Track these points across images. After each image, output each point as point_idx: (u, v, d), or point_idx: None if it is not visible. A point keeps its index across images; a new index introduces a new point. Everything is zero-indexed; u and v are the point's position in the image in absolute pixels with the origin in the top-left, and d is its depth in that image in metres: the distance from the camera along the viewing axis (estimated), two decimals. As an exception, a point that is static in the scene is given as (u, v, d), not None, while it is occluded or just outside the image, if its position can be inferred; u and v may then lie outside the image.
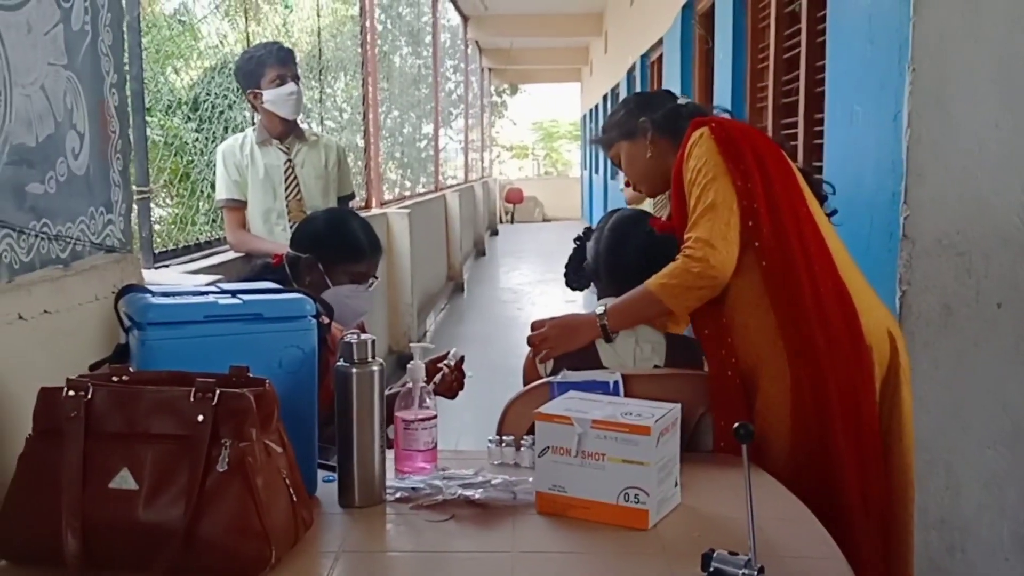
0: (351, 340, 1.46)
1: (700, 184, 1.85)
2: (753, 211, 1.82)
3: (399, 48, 10.52)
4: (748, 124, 2.03)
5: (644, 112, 2.12)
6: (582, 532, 1.38)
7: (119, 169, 2.01)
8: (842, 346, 1.76)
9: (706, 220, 1.82)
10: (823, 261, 1.82)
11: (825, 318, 1.77)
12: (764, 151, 1.88)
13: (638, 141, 2.11)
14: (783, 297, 1.79)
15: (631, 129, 2.12)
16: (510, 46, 17.72)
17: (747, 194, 1.82)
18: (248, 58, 3.42)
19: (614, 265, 2.06)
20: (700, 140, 1.89)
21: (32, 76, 1.66)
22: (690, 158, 1.89)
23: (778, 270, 1.80)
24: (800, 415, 1.76)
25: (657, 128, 2.08)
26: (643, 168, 2.12)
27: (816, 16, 3.23)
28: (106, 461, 1.21)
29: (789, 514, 1.45)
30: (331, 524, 1.42)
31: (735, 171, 1.84)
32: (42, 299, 1.63)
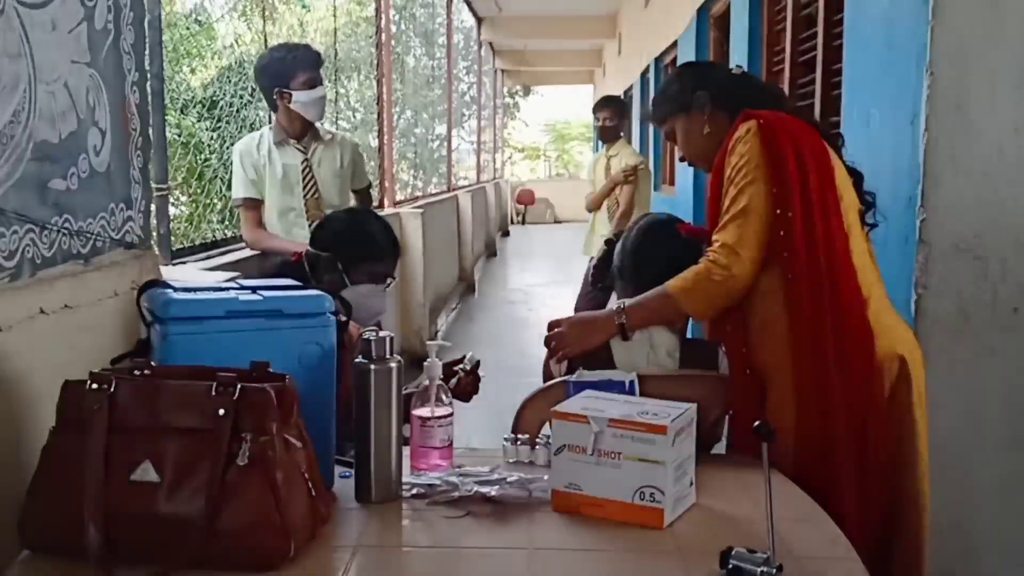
0: (370, 337, 1.47)
1: (737, 185, 1.82)
2: (786, 221, 1.78)
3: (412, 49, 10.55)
4: (799, 119, 1.93)
5: (700, 85, 2.05)
6: (597, 530, 1.38)
7: (139, 166, 2.03)
8: (854, 368, 1.74)
9: (736, 225, 1.80)
10: (848, 281, 1.78)
11: (841, 339, 1.74)
12: (808, 156, 1.82)
13: (694, 116, 2.04)
14: (803, 313, 1.76)
15: (686, 103, 2.05)
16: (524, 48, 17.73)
17: (782, 203, 1.78)
18: (279, 58, 3.43)
19: (637, 265, 2.05)
20: (746, 136, 1.84)
21: (56, 74, 1.68)
22: (733, 153, 1.85)
23: (802, 286, 1.77)
24: (804, 428, 1.75)
25: (714, 102, 2.01)
26: (700, 144, 2.05)
27: (832, 19, 3.23)
28: (128, 454, 1.22)
29: (804, 514, 1.45)
30: (348, 519, 1.43)
31: (774, 177, 1.79)
32: (63, 294, 1.65)
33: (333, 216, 2.40)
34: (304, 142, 3.47)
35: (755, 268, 1.80)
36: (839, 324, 1.75)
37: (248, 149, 3.44)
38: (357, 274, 2.22)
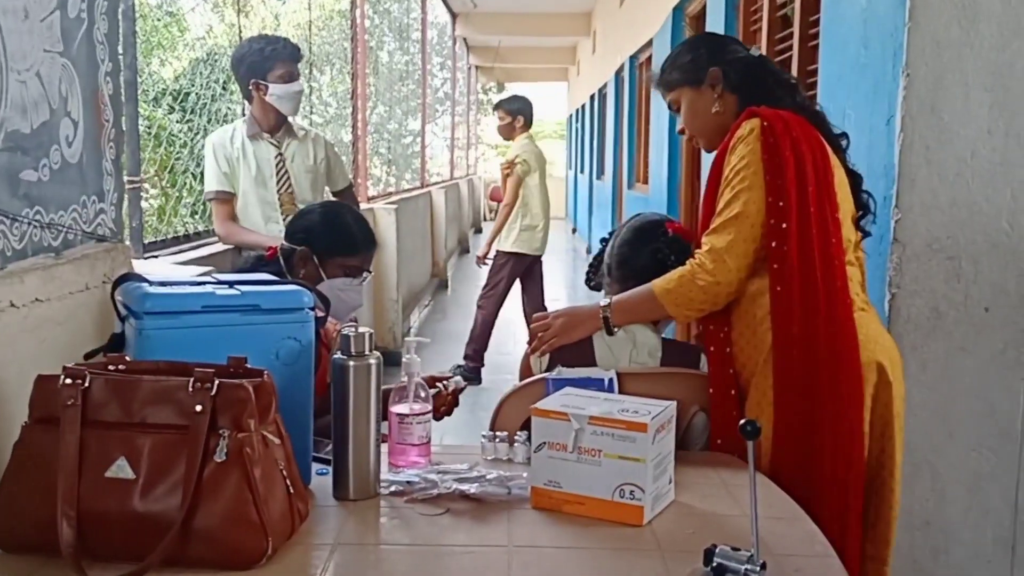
0: (349, 333, 1.45)
1: (734, 188, 1.79)
2: (781, 232, 1.75)
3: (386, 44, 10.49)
4: (803, 118, 1.88)
5: (715, 59, 1.98)
6: (577, 527, 1.38)
7: (112, 158, 2.00)
8: (841, 377, 1.72)
9: (727, 231, 1.78)
10: (842, 293, 1.76)
11: (831, 348, 1.72)
12: (809, 163, 1.78)
13: (704, 91, 1.98)
14: (792, 324, 1.74)
15: (699, 76, 1.98)
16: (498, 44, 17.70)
17: (778, 213, 1.75)
18: (258, 49, 3.39)
19: (624, 260, 2.05)
20: (747, 136, 1.80)
21: (28, 62, 1.64)
22: (733, 152, 1.82)
23: (793, 297, 1.74)
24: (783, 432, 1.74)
25: (728, 81, 1.96)
26: (705, 122, 2.00)
27: (808, 20, 3.25)
28: (103, 450, 1.20)
29: (783, 513, 1.46)
30: (326, 516, 1.41)
31: (772, 185, 1.76)
32: (34, 287, 1.62)
33: (307, 209, 2.37)
34: (277, 137, 3.45)
35: (742, 275, 1.79)
36: (829, 334, 1.73)
37: (221, 142, 3.41)
38: (332, 267, 2.20)
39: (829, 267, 1.75)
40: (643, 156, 8.41)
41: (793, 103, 1.94)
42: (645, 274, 1.89)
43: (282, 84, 3.32)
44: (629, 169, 9.31)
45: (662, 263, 1.89)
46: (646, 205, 7.02)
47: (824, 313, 1.73)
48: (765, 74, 1.98)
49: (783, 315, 1.75)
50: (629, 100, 9.26)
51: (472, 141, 20.84)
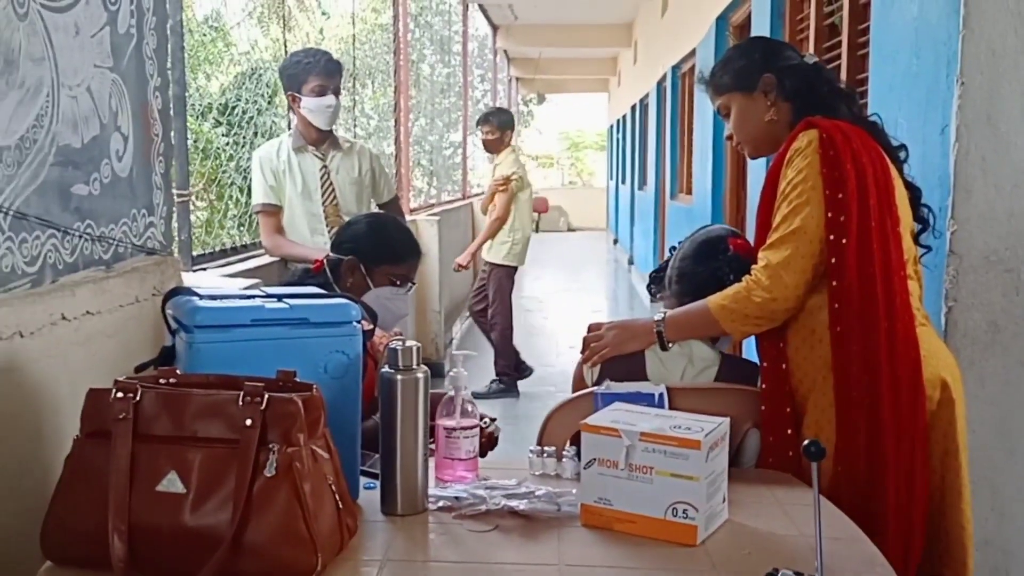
0: (396, 347, 1.45)
1: (791, 203, 1.75)
2: (840, 248, 1.71)
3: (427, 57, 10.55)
4: (864, 131, 1.83)
5: (769, 65, 1.92)
6: (629, 547, 1.36)
7: (161, 172, 2.02)
8: (903, 394, 1.68)
9: (785, 246, 1.74)
10: (904, 310, 1.71)
11: (894, 370, 1.68)
12: (870, 176, 1.74)
13: (756, 98, 1.92)
14: (852, 340, 1.69)
15: (751, 82, 1.92)
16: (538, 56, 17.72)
17: (838, 228, 1.71)
18: (295, 61, 3.44)
19: (683, 274, 2.00)
20: (806, 149, 1.76)
21: (79, 78, 1.66)
22: (790, 165, 1.78)
23: (852, 314, 1.70)
24: (846, 449, 1.70)
25: (782, 89, 1.90)
26: (756, 129, 1.95)
27: (857, 28, 3.20)
28: (154, 464, 1.20)
29: (842, 534, 1.41)
30: (374, 532, 1.40)
31: (831, 200, 1.71)
32: (85, 300, 1.63)
33: (353, 220, 2.38)
34: (322, 149, 3.47)
35: (799, 292, 1.74)
36: (891, 350, 1.68)
37: (268, 155, 3.44)
38: (378, 276, 2.21)
39: (890, 282, 1.71)
40: (686, 166, 8.34)
41: (850, 113, 1.90)
42: (703, 291, 1.84)
43: (313, 98, 3.34)
44: (672, 179, 9.25)
45: (721, 281, 1.84)
46: (689, 215, 6.96)
47: (885, 329, 1.69)
48: (820, 82, 1.93)
49: (843, 332, 1.71)
50: (672, 110, 9.21)
51: (513, 152, 20.85)
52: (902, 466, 1.68)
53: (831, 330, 1.73)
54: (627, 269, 13.06)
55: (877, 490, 1.68)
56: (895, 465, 1.68)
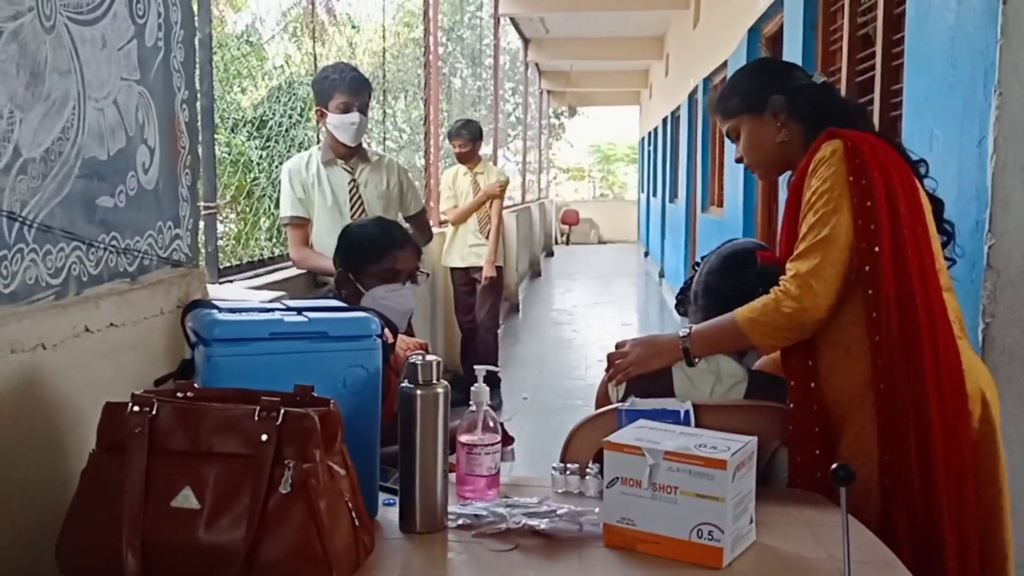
0: (416, 361, 1.43)
1: (818, 211, 1.71)
2: (873, 256, 1.67)
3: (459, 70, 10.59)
4: (886, 143, 1.81)
5: (778, 87, 1.90)
6: (652, 568, 1.32)
7: (187, 184, 2.02)
8: (948, 407, 1.64)
9: (813, 255, 1.70)
10: (943, 319, 1.67)
11: (939, 380, 1.64)
12: (898, 182, 1.72)
13: (766, 120, 1.90)
14: (892, 352, 1.65)
15: (760, 104, 1.90)
16: (570, 69, 17.75)
17: (868, 236, 1.68)
18: (324, 76, 3.47)
19: (711, 289, 1.97)
20: (830, 158, 1.73)
21: (105, 90, 1.67)
22: (814, 175, 1.75)
23: (891, 323, 1.66)
24: (894, 469, 1.65)
25: (793, 110, 1.89)
26: (768, 151, 1.93)
27: (892, 39, 3.14)
28: (169, 479, 1.19)
29: (872, 557, 1.37)
30: (392, 550, 1.38)
31: (860, 208, 1.69)
32: (109, 312, 1.63)
33: (341, 233, 2.36)
34: (351, 163, 3.49)
35: (829, 302, 1.70)
36: (934, 362, 1.65)
37: (297, 168, 3.46)
38: (367, 279, 2.18)
39: (927, 290, 1.67)
40: (717, 179, 8.28)
41: (867, 129, 1.87)
42: (730, 305, 1.80)
43: (339, 114, 3.37)
44: (703, 192, 9.19)
45: (750, 294, 1.80)
46: (720, 228, 6.90)
47: (927, 339, 1.65)
48: (831, 101, 1.91)
49: (883, 343, 1.66)
50: (703, 123, 9.16)
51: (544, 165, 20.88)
52: (952, 479, 1.63)
53: (870, 340, 1.69)
54: (658, 282, 12.99)
55: (933, 503, 1.63)
56: (945, 478, 1.63)
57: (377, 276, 2.19)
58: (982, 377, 1.74)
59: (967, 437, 1.67)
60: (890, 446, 1.66)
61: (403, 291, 2.20)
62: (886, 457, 1.66)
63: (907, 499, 1.64)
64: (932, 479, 1.63)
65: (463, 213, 5.92)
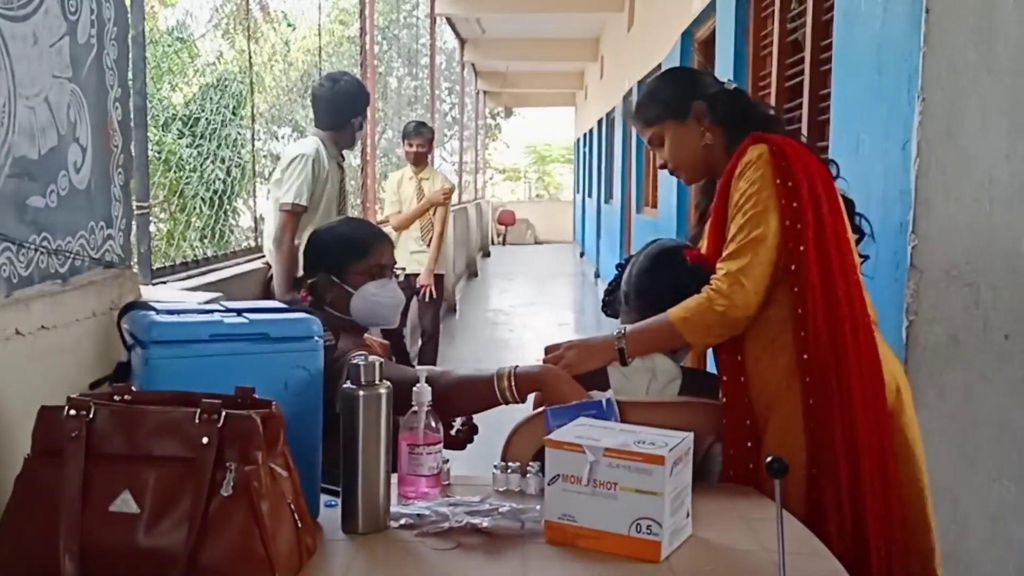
0: (358, 363, 1.43)
1: (747, 213, 1.77)
2: (799, 255, 1.74)
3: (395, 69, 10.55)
4: (804, 146, 1.90)
5: (697, 94, 1.97)
6: (592, 563, 1.34)
7: (120, 184, 1.98)
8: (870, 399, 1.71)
9: (744, 255, 1.76)
10: (862, 311, 1.75)
11: (861, 372, 1.71)
12: (820, 184, 1.79)
13: (689, 124, 1.96)
14: (820, 345, 1.72)
15: (683, 110, 1.96)
16: (506, 69, 17.80)
17: (795, 236, 1.74)
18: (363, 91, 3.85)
19: (641, 292, 2.00)
20: (757, 161, 1.79)
21: (36, 88, 1.63)
22: (741, 178, 1.80)
23: (818, 319, 1.72)
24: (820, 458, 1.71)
25: (714, 114, 1.95)
26: (693, 155, 1.98)
27: (820, 45, 3.23)
28: (107, 483, 1.17)
29: (803, 548, 1.41)
30: (334, 551, 1.38)
31: (787, 209, 1.75)
32: (40, 314, 1.60)
33: (309, 238, 2.32)
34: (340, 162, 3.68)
35: (759, 299, 1.76)
36: (857, 352, 1.72)
37: (320, 158, 3.53)
38: (354, 278, 2.13)
39: (849, 285, 1.75)
40: (651, 180, 8.39)
41: (783, 131, 1.95)
42: (664, 304, 1.84)
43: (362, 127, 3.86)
44: (638, 193, 9.30)
45: (681, 292, 1.84)
46: (655, 229, 7.00)
47: (850, 332, 1.72)
48: (747, 107, 2.00)
49: (812, 336, 1.73)
50: (638, 125, 9.25)
51: (480, 165, 20.90)
52: (876, 466, 1.70)
53: (794, 334, 1.75)
54: (593, 282, 13.10)
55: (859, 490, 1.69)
56: (870, 466, 1.70)
57: (364, 273, 2.13)
58: (895, 366, 1.82)
59: (887, 424, 1.74)
60: (816, 436, 1.72)
61: (391, 285, 2.16)
62: (813, 447, 1.72)
63: (834, 488, 1.70)
64: (858, 467, 1.70)
65: (406, 219, 5.82)
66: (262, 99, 5.84)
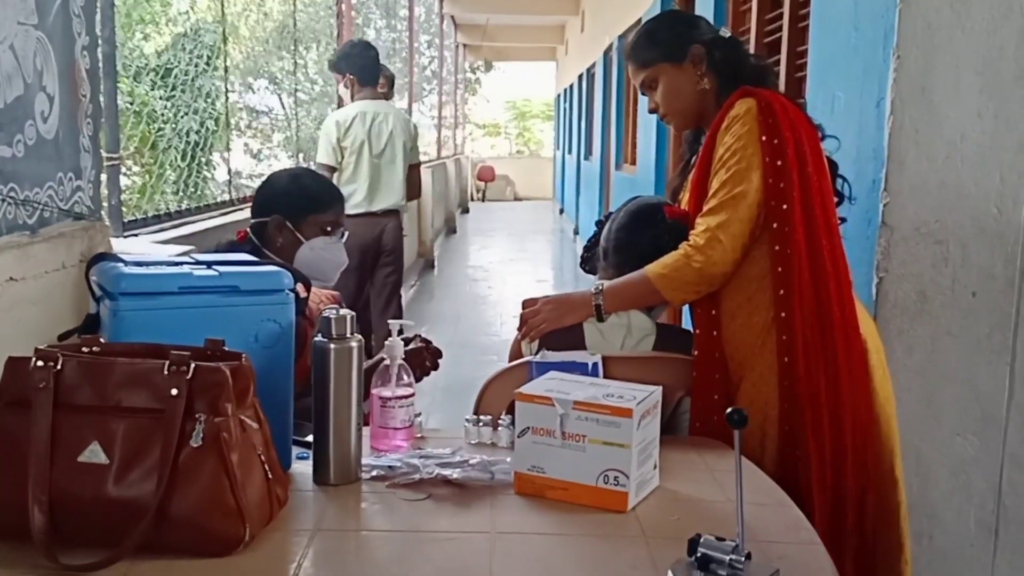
0: (330, 315, 1.43)
1: (730, 168, 1.76)
2: (782, 213, 1.74)
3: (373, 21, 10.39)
4: (792, 102, 1.87)
5: (695, 38, 1.93)
6: (561, 513, 1.37)
7: (89, 134, 1.95)
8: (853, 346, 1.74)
9: (724, 211, 1.75)
10: (844, 271, 1.76)
11: (844, 330, 1.73)
12: (806, 142, 1.77)
13: (686, 68, 1.93)
14: (806, 308, 1.72)
15: (680, 53, 1.93)
16: (486, 22, 17.58)
17: (778, 194, 1.74)
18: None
19: (619, 248, 1.99)
20: (744, 116, 1.78)
21: (1, 35, 1.60)
22: (727, 132, 1.79)
23: (805, 279, 1.72)
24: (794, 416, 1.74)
25: (711, 60, 1.92)
26: (688, 99, 1.95)
27: (799, 1, 3.22)
28: (76, 434, 1.17)
29: (768, 499, 1.44)
30: (306, 502, 1.39)
31: (771, 166, 1.74)
32: (8, 266, 1.58)
33: (266, 181, 2.29)
34: None
35: (736, 256, 1.77)
36: (841, 312, 1.73)
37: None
38: (308, 228, 2.12)
39: (832, 246, 1.75)
40: (631, 137, 8.37)
41: (774, 85, 1.94)
42: (643, 261, 1.84)
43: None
44: (617, 150, 9.27)
45: (661, 249, 1.84)
46: (633, 186, 6.99)
47: (834, 291, 1.73)
48: (741, 56, 1.97)
49: (794, 295, 1.73)
50: (617, 80, 9.21)
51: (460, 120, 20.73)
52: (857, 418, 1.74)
53: (773, 292, 1.76)
54: (572, 239, 13.11)
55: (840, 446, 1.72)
56: (852, 415, 1.73)
57: (318, 226, 2.13)
58: (868, 326, 1.84)
59: (867, 382, 1.77)
60: (790, 394, 1.74)
61: (339, 244, 2.17)
62: (786, 404, 1.74)
63: (818, 444, 1.72)
64: (840, 422, 1.72)
65: None
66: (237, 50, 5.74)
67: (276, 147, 7.35)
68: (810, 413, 1.72)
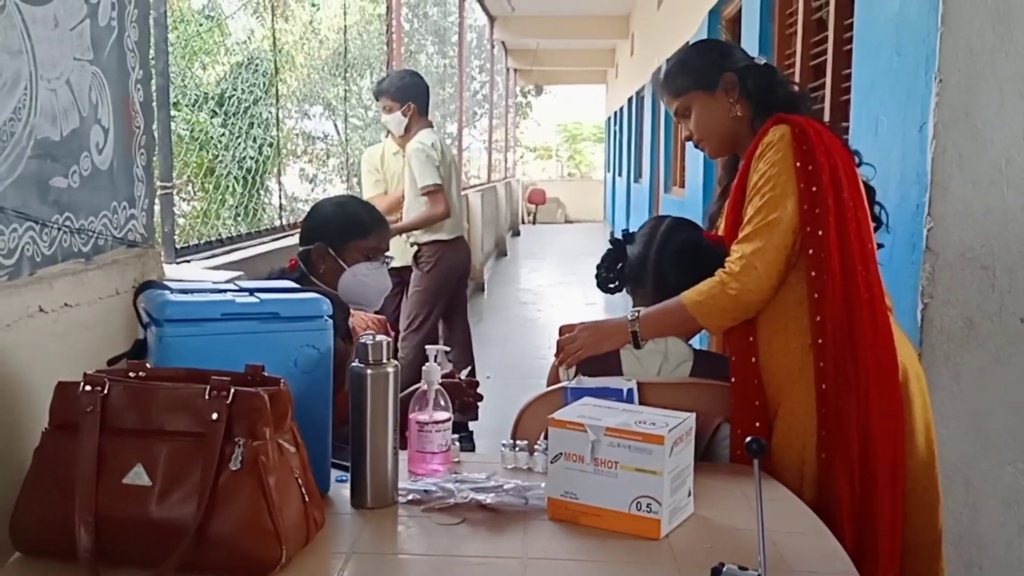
0: (366, 341, 1.46)
1: (765, 195, 1.76)
2: (817, 240, 1.73)
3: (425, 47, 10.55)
4: (827, 128, 1.87)
5: (728, 66, 1.95)
6: (593, 540, 1.37)
7: (143, 164, 2.02)
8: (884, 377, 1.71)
9: (758, 238, 1.76)
10: (881, 298, 1.74)
11: (877, 358, 1.71)
12: (841, 168, 1.77)
13: (719, 96, 1.95)
14: (839, 335, 1.71)
15: (712, 81, 1.95)
16: (536, 47, 17.70)
17: (813, 220, 1.73)
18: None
19: (663, 275, 1.96)
20: (778, 143, 1.78)
21: (58, 71, 1.67)
22: (762, 159, 1.80)
23: (839, 306, 1.71)
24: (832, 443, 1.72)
25: (743, 87, 1.93)
26: (721, 127, 1.96)
27: (843, 24, 3.20)
28: (120, 457, 1.21)
29: (804, 528, 1.43)
30: (342, 525, 1.42)
31: (805, 193, 1.74)
32: (63, 292, 1.64)
33: (312, 209, 2.35)
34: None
35: (772, 283, 1.76)
36: (875, 339, 1.72)
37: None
38: (350, 254, 2.17)
39: (868, 272, 1.74)
40: (679, 160, 8.35)
41: (808, 112, 1.93)
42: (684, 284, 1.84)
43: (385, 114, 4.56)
44: (666, 173, 9.26)
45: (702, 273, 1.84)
46: (682, 208, 6.97)
47: (868, 317, 1.72)
48: (775, 83, 1.97)
49: (829, 322, 1.72)
50: (666, 103, 9.19)
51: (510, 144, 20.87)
52: (888, 451, 1.71)
53: (810, 319, 1.75)
54: (623, 261, 13.03)
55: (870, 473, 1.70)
56: (882, 442, 1.71)
57: (361, 253, 2.18)
58: (908, 353, 1.82)
59: (900, 410, 1.74)
60: (828, 421, 1.72)
61: (382, 270, 2.21)
62: (823, 432, 1.73)
63: (847, 472, 1.70)
64: (872, 451, 1.70)
65: (395, 202, 4.60)
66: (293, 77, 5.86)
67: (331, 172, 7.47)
68: (841, 441, 1.70)
